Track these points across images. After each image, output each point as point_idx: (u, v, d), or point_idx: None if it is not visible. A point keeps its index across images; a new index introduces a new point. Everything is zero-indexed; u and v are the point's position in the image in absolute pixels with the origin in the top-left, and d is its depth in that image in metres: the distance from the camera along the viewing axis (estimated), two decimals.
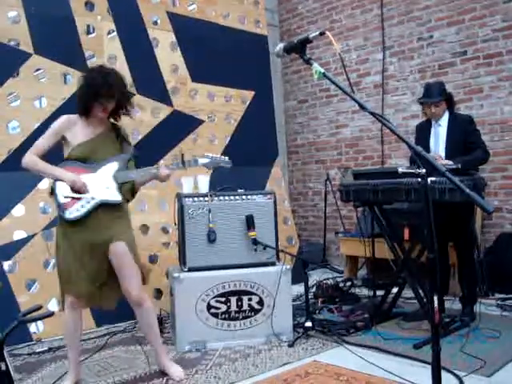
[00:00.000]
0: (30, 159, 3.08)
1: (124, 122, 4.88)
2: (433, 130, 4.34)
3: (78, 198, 3.01)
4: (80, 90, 3.11)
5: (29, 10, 4.46)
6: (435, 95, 4.23)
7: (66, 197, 3.01)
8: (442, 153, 4.22)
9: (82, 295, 3.08)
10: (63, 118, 3.14)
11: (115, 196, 3.11)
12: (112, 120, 3.30)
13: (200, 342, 3.75)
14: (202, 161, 3.27)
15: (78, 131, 3.11)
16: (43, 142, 3.11)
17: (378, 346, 3.64)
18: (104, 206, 3.07)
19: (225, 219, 3.94)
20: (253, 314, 3.88)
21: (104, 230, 3.05)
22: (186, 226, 3.88)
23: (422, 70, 6.07)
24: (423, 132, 4.42)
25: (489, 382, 2.99)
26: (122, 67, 4.98)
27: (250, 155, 5.45)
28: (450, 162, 3.81)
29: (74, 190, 3.02)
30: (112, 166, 3.13)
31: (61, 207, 3.02)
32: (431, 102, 4.23)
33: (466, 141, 4.15)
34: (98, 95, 3.03)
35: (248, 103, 6.03)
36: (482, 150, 4.14)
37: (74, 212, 3.00)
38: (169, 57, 5.40)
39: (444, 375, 2.18)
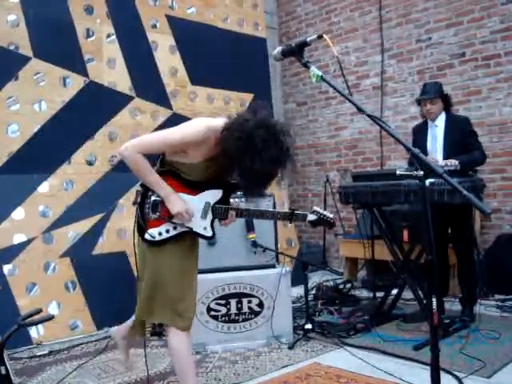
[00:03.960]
0: (135, 158, 2.44)
1: (123, 123, 4.94)
2: (429, 132, 4.35)
3: (166, 221, 2.54)
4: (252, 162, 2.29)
5: (28, 14, 4.47)
6: (431, 92, 4.28)
7: (156, 218, 2.53)
8: (440, 153, 4.24)
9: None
10: (201, 131, 2.43)
11: (207, 231, 2.62)
12: None
13: (200, 344, 3.76)
14: (310, 217, 2.81)
15: (204, 148, 2.47)
16: (156, 147, 2.50)
17: (378, 347, 3.64)
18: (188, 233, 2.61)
19: None
20: (253, 316, 3.88)
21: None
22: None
23: (420, 72, 6.08)
24: (420, 133, 4.43)
25: (489, 383, 2.99)
26: (121, 71, 5.01)
27: None
28: (453, 161, 3.82)
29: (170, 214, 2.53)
30: (215, 194, 2.61)
31: (144, 223, 2.54)
32: (427, 99, 4.27)
33: (464, 142, 4.17)
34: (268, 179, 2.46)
35: (247, 106, 6.04)
36: (479, 151, 4.16)
37: (155, 234, 2.52)
38: (168, 60, 5.41)
39: (444, 376, 2.19)
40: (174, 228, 2.55)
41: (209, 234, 2.63)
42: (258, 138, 2.28)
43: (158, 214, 2.53)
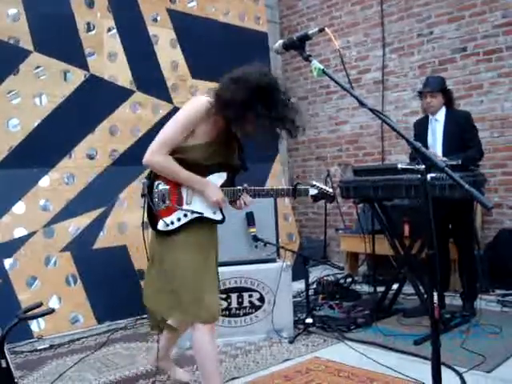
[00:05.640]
0: (164, 160, 2.44)
1: (124, 117, 4.93)
2: (430, 126, 4.35)
3: (176, 209, 2.52)
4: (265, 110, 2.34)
5: (29, 8, 4.45)
6: (432, 85, 4.27)
7: (166, 206, 2.50)
8: (440, 148, 4.24)
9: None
10: (204, 103, 2.44)
11: (217, 215, 2.59)
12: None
13: None
14: (312, 192, 2.78)
15: (208, 126, 2.49)
16: (175, 137, 2.45)
17: (379, 342, 3.65)
18: (199, 220, 2.55)
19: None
20: (253, 310, 3.88)
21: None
22: None
23: (422, 67, 6.06)
24: (421, 128, 4.43)
25: (489, 378, 2.99)
26: (121, 64, 4.99)
27: (250, 152, 5.44)
28: (444, 159, 3.83)
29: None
30: (220, 177, 2.59)
31: (156, 213, 2.50)
32: (427, 91, 4.26)
33: (463, 137, 4.16)
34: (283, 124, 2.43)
35: None
36: (475, 149, 4.16)
37: (168, 223, 2.49)
38: (169, 54, 5.39)
39: (444, 371, 2.18)
40: (185, 216, 2.51)
41: (219, 217, 2.60)
42: (266, 84, 2.38)
43: (168, 202, 2.51)
